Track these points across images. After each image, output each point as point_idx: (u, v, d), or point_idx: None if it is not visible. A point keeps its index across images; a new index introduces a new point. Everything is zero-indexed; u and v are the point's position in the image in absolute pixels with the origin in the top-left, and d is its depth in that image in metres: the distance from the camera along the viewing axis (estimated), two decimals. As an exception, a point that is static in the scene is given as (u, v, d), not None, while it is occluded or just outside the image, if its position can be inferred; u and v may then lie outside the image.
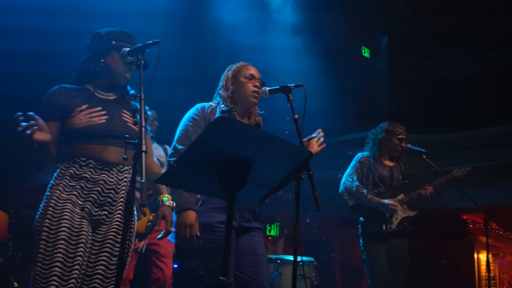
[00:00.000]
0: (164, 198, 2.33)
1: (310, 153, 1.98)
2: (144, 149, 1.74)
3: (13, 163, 4.20)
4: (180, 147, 2.36)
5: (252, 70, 2.65)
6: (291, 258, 4.66)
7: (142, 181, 1.69)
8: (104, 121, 2.20)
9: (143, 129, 1.80)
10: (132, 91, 2.43)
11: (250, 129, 1.71)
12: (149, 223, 3.51)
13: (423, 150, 3.94)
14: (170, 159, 2.34)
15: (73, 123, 2.18)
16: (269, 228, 7.69)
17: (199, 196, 2.34)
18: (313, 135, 2.57)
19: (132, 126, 2.30)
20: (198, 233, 2.21)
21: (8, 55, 4.17)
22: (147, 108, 2.44)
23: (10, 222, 3.36)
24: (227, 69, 2.70)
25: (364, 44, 10.39)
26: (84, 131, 2.17)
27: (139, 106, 2.38)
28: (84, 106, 2.21)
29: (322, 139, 2.59)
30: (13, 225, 3.38)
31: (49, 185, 2.22)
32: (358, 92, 8.31)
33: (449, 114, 7.48)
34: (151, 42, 2.06)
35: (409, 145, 3.97)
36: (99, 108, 2.23)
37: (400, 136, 3.95)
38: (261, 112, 2.80)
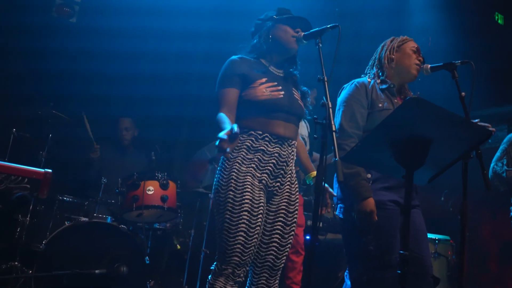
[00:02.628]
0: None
1: (490, 133, 1.95)
2: (334, 129, 1.85)
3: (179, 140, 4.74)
4: (347, 128, 2.43)
5: (417, 45, 2.63)
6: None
7: (336, 159, 1.80)
8: (281, 96, 2.29)
9: (330, 109, 1.89)
10: (296, 72, 2.51)
11: (439, 110, 1.73)
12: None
13: None
14: (339, 141, 2.43)
15: (254, 94, 2.25)
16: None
17: (369, 175, 2.41)
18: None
19: (301, 103, 2.41)
20: (376, 218, 2.30)
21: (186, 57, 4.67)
22: (305, 88, 2.55)
23: (178, 191, 3.75)
24: (390, 39, 2.67)
25: (497, 10, 9.51)
26: (265, 104, 2.24)
27: (306, 89, 2.54)
28: (264, 79, 2.29)
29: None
30: (178, 194, 3.78)
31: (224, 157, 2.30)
32: (491, 62, 7.65)
33: None
34: (329, 26, 2.10)
35: None
36: (276, 83, 2.31)
37: None
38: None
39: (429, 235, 4.54)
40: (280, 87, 2.30)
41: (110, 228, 3.30)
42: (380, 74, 2.62)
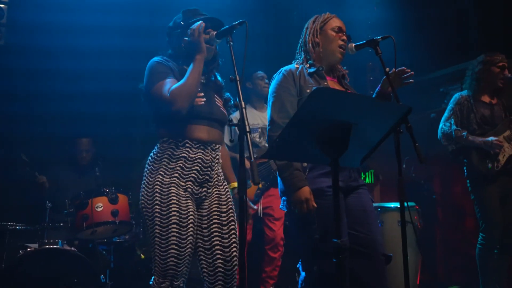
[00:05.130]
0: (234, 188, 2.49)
1: (409, 108, 1.93)
2: (248, 129, 1.80)
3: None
4: (277, 120, 2.39)
5: (340, 23, 2.55)
6: (391, 205, 4.67)
7: (252, 160, 1.76)
8: (203, 102, 2.25)
9: (244, 110, 1.84)
10: (217, 74, 2.45)
11: (348, 96, 1.71)
12: (258, 191, 3.73)
13: None
14: (270, 134, 2.39)
15: None
16: (363, 176, 7.60)
17: (305, 164, 2.38)
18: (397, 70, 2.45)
19: (223, 110, 2.36)
20: (315, 205, 2.27)
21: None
22: (228, 95, 2.47)
23: (129, 203, 3.67)
24: (312, 20, 2.59)
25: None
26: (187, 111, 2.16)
27: (229, 95, 2.48)
28: None
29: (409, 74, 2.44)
30: (131, 205, 3.71)
31: (146, 169, 2.24)
32: (442, 22, 7.68)
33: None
34: (237, 22, 2.03)
35: (509, 75, 3.69)
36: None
37: (501, 64, 3.67)
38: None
39: (394, 204, 4.57)
40: (201, 94, 2.26)
41: (60, 253, 3.22)
42: (308, 58, 2.58)
